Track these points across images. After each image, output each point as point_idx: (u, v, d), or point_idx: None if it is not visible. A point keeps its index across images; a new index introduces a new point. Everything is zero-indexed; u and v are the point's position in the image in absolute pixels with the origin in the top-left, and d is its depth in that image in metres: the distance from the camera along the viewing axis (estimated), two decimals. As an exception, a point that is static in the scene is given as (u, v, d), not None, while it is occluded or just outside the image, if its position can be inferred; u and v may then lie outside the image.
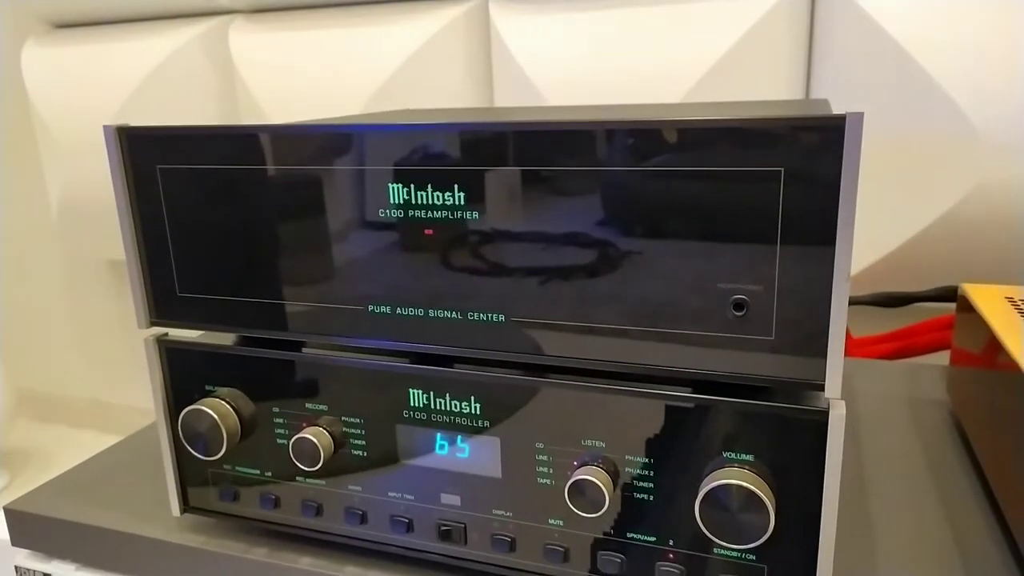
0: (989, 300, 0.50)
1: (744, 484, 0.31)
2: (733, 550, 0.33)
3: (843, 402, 0.30)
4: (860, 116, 0.27)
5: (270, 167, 0.36)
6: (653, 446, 0.33)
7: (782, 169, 0.29)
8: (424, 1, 0.96)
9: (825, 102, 0.53)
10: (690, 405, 0.32)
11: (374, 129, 0.34)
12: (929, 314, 0.72)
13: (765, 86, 0.82)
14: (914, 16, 0.74)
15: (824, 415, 0.30)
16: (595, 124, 0.31)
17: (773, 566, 0.33)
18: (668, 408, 0.33)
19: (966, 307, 0.51)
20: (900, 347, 0.68)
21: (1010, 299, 0.50)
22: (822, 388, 0.30)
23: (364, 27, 0.98)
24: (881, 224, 0.77)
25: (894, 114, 0.75)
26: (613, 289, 0.32)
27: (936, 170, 0.73)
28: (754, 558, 0.33)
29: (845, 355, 0.69)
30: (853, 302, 0.69)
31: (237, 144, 0.36)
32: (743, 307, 0.30)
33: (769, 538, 0.31)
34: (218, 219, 0.38)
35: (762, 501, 0.30)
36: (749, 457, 0.32)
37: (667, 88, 0.82)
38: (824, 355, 0.30)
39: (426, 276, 0.35)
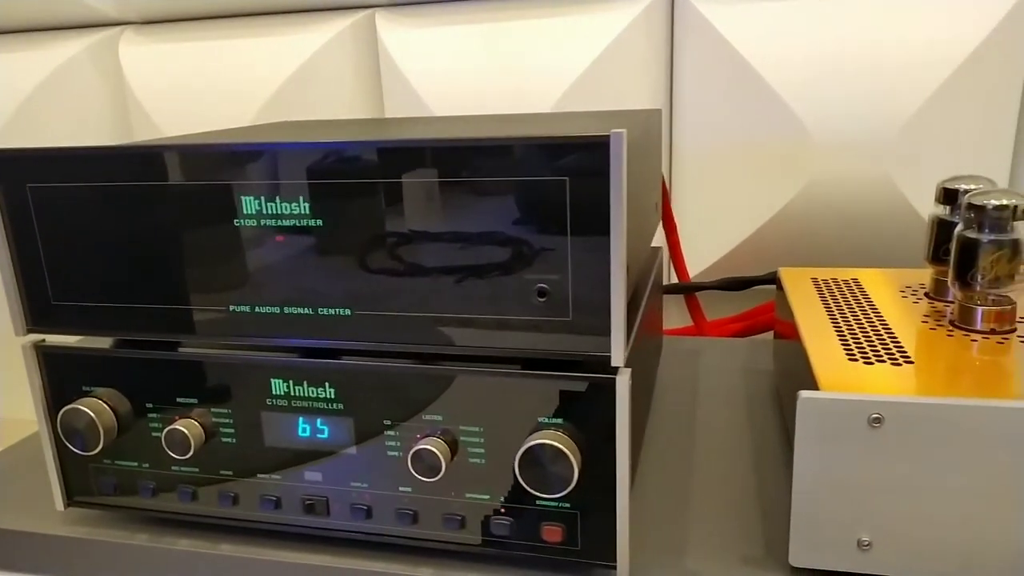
0: (797, 280, 0.58)
1: (551, 443, 0.36)
2: (550, 500, 0.38)
3: (629, 370, 0.37)
4: (621, 134, 0.33)
5: (131, 183, 0.40)
6: (482, 416, 0.39)
7: (567, 179, 0.35)
8: (313, 12, 0.99)
9: (657, 112, 0.60)
10: (510, 379, 0.38)
11: (224, 147, 0.39)
12: (771, 296, 0.81)
13: (632, 94, 0.89)
14: (755, 32, 0.82)
15: (613, 381, 0.36)
16: (416, 142, 0.36)
17: (584, 511, 0.39)
18: (492, 383, 0.38)
19: (780, 287, 0.59)
20: (747, 326, 0.76)
21: (815, 279, 0.58)
22: (610, 359, 0.36)
23: (256, 38, 1.00)
24: (731, 218, 0.85)
25: (740, 119, 0.83)
26: (442, 283, 0.38)
27: (776, 169, 0.82)
28: (568, 506, 0.39)
29: (700, 335, 0.77)
30: (704, 287, 0.77)
31: (102, 162, 0.40)
32: (545, 294, 0.36)
33: (577, 488, 0.37)
34: (87, 232, 0.41)
35: (567, 457, 0.36)
36: (559, 420, 0.38)
37: (541, 97, 0.88)
38: (609, 331, 0.36)
39: (280, 278, 0.39)
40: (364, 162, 0.37)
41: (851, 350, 0.44)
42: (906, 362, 0.42)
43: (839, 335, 0.46)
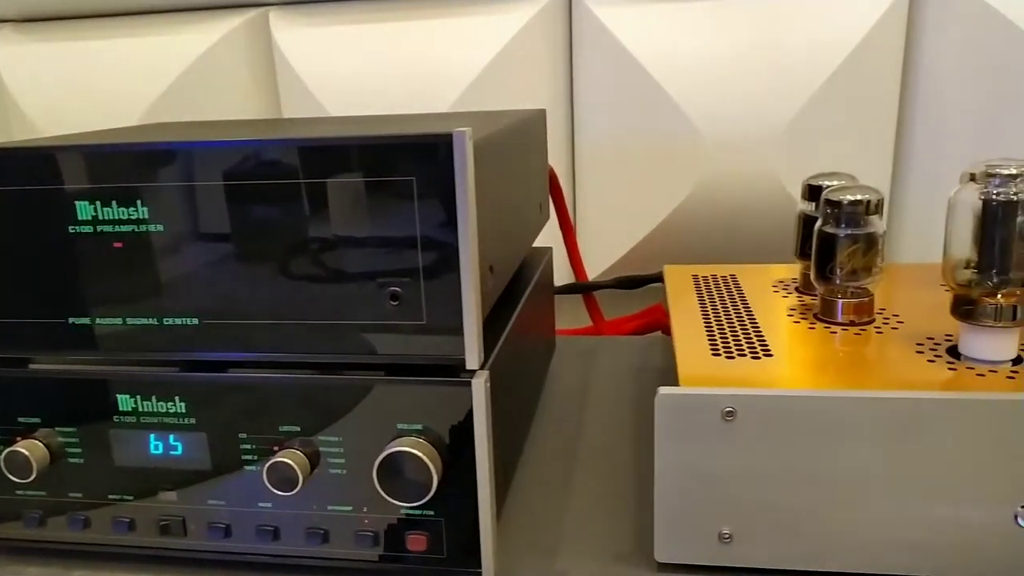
0: (679, 277, 0.59)
1: (408, 451, 0.35)
2: (413, 509, 0.38)
3: (486, 372, 0.36)
4: (464, 133, 0.33)
5: (-44, 190, 0.37)
6: (341, 426, 0.38)
7: (414, 179, 0.34)
8: (203, 11, 0.96)
9: (541, 112, 0.60)
10: (367, 386, 0.37)
11: (54, 150, 0.36)
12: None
13: (531, 95, 0.89)
14: (648, 34, 0.84)
15: (469, 384, 0.36)
16: (257, 143, 0.35)
17: (449, 518, 0.38)
18: (349, 390, 0.37)
19: (664, 283, 0.60)
20: (644, 324, 0.77)
21: (695, 276, 0.59)
22: (464, 362, 0.35)
23: (144, 37, 0.96)
24: (631, 217, 0.86)
25: (636, 120, 0.84)
26: (293, 289, 0.36)
27: (669, 169, 0.83)
28: (432, 513, 0.38)
29: (599, 334, 0.77)
30: (599, 286, 0.77)
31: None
32: (398, 297, 0.35)
33: (439, 495, 0.36)
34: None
35: (425, 464, 0.35)
36: (418, 427, 0.37)
37: (440, 97, 0.87)
38: (462, 333, 0.35)
39: (120, 288, 0.37)
40: (202, 164, 0.35)
41: (716, 345, 0.45)
42: (765, 355, 0.43)
43: (708, 330, 0.47)
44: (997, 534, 0.36)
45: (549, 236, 0.73)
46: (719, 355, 0.43)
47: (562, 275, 0.83)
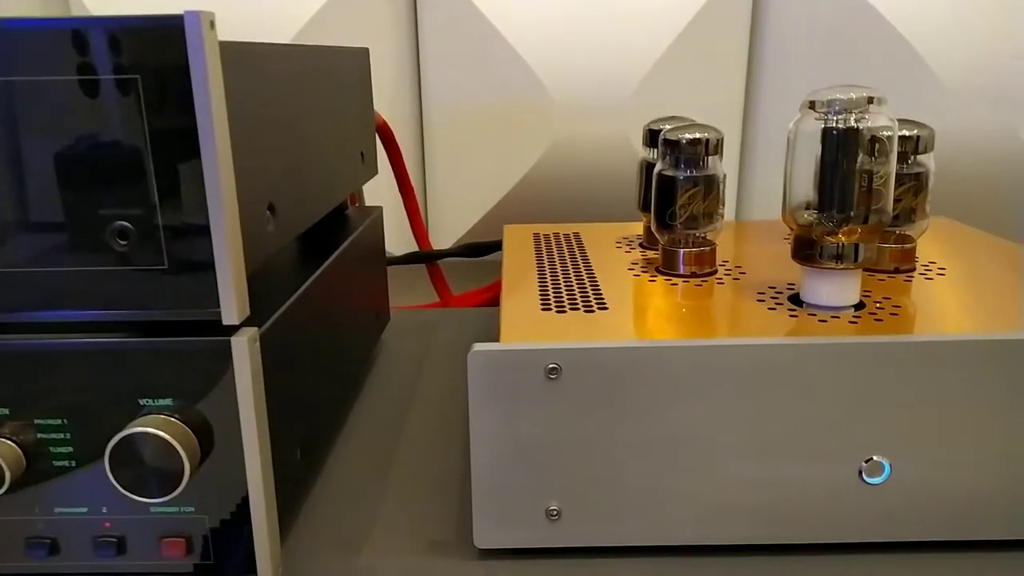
0: (519, 237, 0.54)
1: (147, 431, 0.28)
2: (167, 505, 0.30)
3: (253, 330, 0.29)
4: (198, 15, 0.25)
5: None
6: (65, 405, 0.29)
7: (139, 77, 0.26)
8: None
9: (363, 51, 0.53)
10: (97, 352, 0.29)
11: None
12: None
13: (373, 56, 0.81)
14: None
15: (227, 345, 0.28)
16: (-79, 27, 0.26)
17: (214, 514, 0.30)
18: (74, 358, 0.29)
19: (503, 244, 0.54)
20: (497, 295, 0.72)
21: (536, 235, 0.54)
22: (220, 316, 0.28)
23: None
24: (483, 183, 0.81)
25: (486, 81, 0.79)
26: (-11, 228, 0.27)
27: (521, 131, 0.79)
28: (192, 510, 0.30)
29: (446, 306, 0.71)
30: (445, 254, 0.71)
31: None
32: (127, 236, 0.28)
33: (198, 486, 0.29)
34: None
35: (170, 447, 0.28)
36: (167, 401, 0.29)
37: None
38: (215, 279, 0.28)
39: None
40: None
41: (547, 301, 0.39)
42: (600, 309, 0.38)
43: (541, 287, 0.42)
44: (843, 492, 0.33)
45: (391, 203, 0.66)
46: (549, 310, 0.38)
47: (408, 245, 0.76)
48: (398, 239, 0.77)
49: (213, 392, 0.29)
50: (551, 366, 0.32)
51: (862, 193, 0.35)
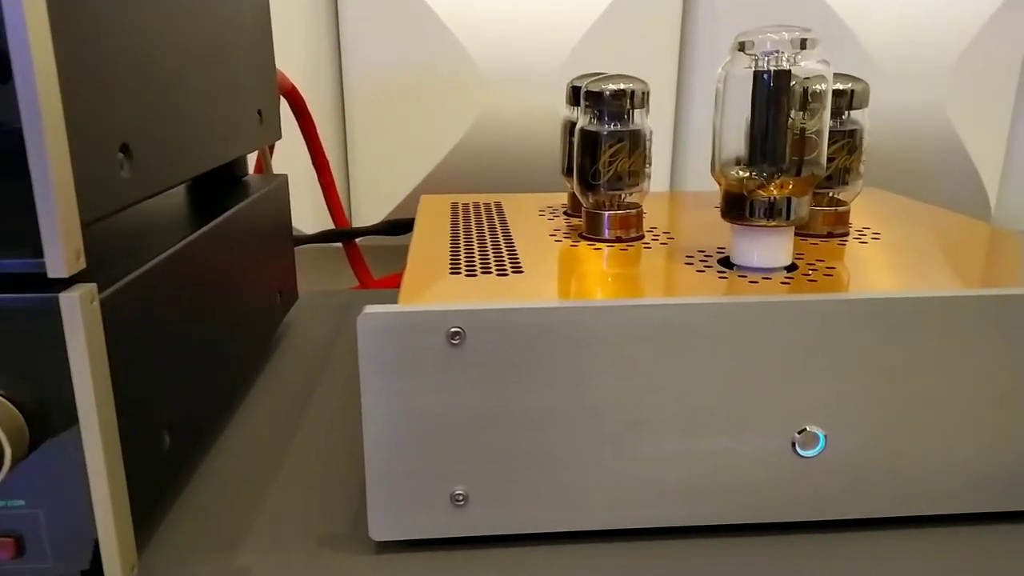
0: (435, 207, 0.50)
1: (-48, 407, 0.23)
2: (-13, 500, 0.25)
3: (90, 286, 0.24)
4: None
5: None
6: None
7: (-70, -31, 0.21)
8: None
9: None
10: None
11: None
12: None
13: (294, 23, 0.76)
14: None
15: (54, 302, 0.24)
16: None
17: (51, 509, 0.26)
18: None
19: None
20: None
21: (454, 204, 0.50)
22: (44, 268, 0.23)
23: None
24: (409, 158, 0.77)
25: (411, 52, 0.75)
26: None
27: (448, 105, 0.75)
28: (23, 504, 0.25)
29: (365, 289, 0.66)
30: (364, 232, 0.67)
31: None
32: (-76, 168, 0.22)
33: (28, 476, 0.24)
34: None
35: (-15, 426, 0.23)
36: (-15, 373, 0.24)
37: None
38: (36, 223, 0.23)
39: None
40: None
41: (458, 266, 0.36)
42: (515, 272, 0.34)
43: (452, 253, 0.38)
44: (775, 467, 0.30)
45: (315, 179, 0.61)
46: (458, 274, 0.34)
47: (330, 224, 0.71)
48: (323, 218, 0.72)
49: (44, 362, 0.24)
50: (453, 330, 0.28)
51: (795, 142, 0.32)
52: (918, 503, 0.31)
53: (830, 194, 0.41)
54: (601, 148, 0.38)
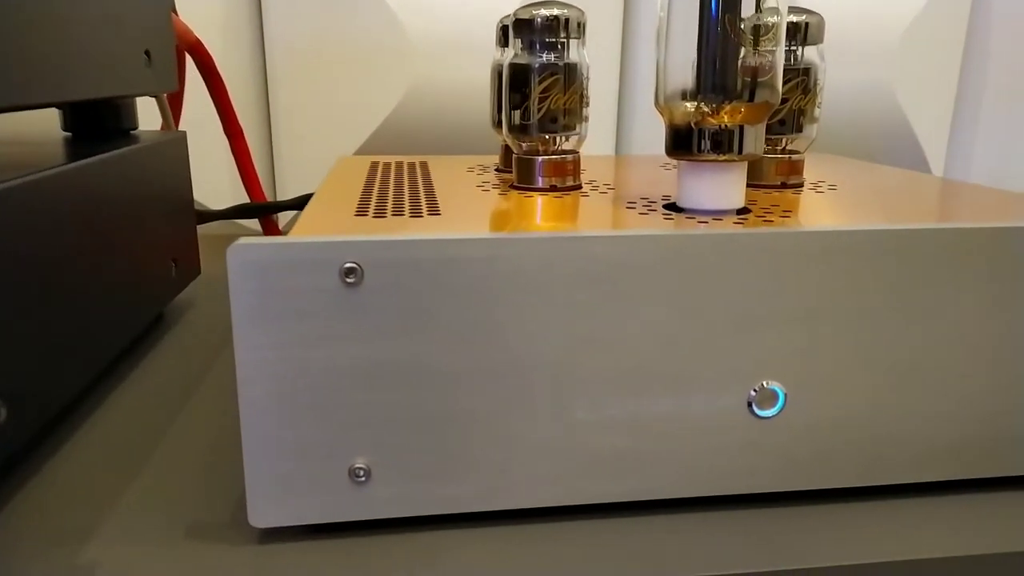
0: (351, 165, 0.45)
1: None
2: None
3: None
4: None
5: None
6: None
7: None
8: None
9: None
10: None
11: None
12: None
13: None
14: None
15: None
16: None
17: None
18: None
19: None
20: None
21: (375, 163, 0.45)
22: None
23: None
24: (338, 130, 0.71)
25: (341, 25, 0.69)
26: None
27: (378, 75, 0.69)
28: None
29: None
30: (282, 207, 0.61)
31: None
32: None
33: None
34: None
35: None
36: None
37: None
38: None
39: None
40: None
41: (366, 209, 0.31)
42: (432, 215, 0.30)
43: (363, 199, 0.33)
44: (730, 430, 0.26)
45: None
46: (365, 216, 0.29)
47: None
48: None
49: None
50: (348, 266, 0.23)
51: (746, 65, 0.29)
52: (891, 471, 0.27)
53: (784, 142, 0.37)
54: (532, 83, 0.34)
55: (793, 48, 0.35)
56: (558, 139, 0.35)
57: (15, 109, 0.28)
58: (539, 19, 0.34)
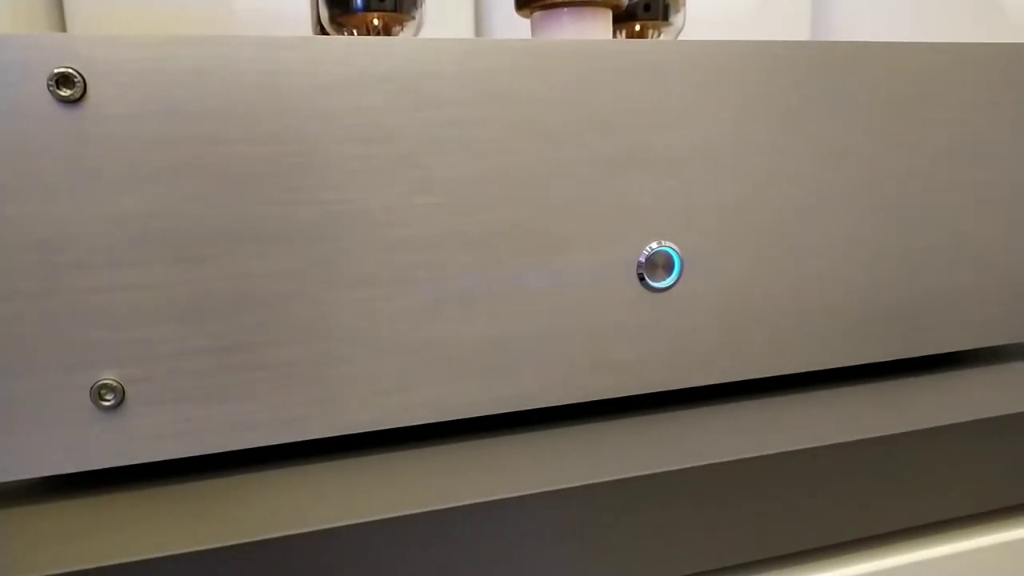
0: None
1: None
2: None
3: None
4: None
5: None
6: None
7: None
8: None
9: None
10: None
11: None
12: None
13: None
14: None
15: None
16: None
17: None
18: None
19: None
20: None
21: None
22: None
23: None
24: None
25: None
26: None
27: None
28: None
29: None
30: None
31: None
32: None
33: None
34: None
35: None
36: None
37: None
38: None
39: None
40: None
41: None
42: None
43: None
44: (619, 309, 0.20)
45: None
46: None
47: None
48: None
49: None
50: (60, 71, 0.16)
51: None
52: (794, 357, 0.23)
53: (650, 32, 0.33)
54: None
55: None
56: (385, 22, 0.29)
57: None
58: None
